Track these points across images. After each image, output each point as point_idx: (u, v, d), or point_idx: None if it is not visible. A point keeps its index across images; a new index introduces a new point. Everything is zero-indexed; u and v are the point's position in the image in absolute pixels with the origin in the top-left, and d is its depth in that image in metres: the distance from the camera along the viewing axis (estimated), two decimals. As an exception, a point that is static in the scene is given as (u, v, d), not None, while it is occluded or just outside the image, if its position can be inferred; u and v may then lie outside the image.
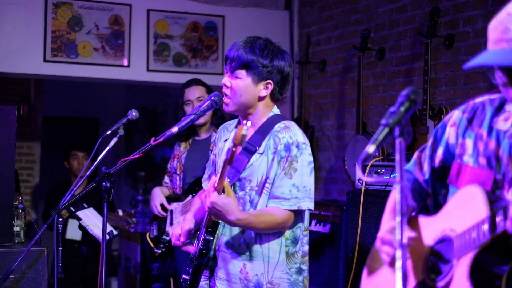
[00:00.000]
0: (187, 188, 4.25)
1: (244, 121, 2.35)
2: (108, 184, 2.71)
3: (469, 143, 1.99)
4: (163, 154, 8.88)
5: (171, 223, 4.26)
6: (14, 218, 3.72)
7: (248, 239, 2.67)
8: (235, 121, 2.90)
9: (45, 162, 8.29)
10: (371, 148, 1.71)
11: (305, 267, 2.74)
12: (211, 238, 2.68)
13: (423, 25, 4.71)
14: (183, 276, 2.76)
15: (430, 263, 1.96)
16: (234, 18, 6.05)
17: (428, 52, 4.38)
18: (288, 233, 2.70)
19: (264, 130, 2.71)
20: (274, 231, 2.66)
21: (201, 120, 4.21)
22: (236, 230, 2.69)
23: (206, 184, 2.94)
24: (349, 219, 4.35)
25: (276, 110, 2.80)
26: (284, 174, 2.62)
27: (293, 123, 2.73)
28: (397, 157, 1.68)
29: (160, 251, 4.35)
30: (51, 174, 8.50)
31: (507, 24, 1.76)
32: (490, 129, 1.93)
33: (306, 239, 2.76)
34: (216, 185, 2.48)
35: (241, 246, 2.68)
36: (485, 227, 1.74)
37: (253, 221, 2.56)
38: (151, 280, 5.79)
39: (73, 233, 6.00)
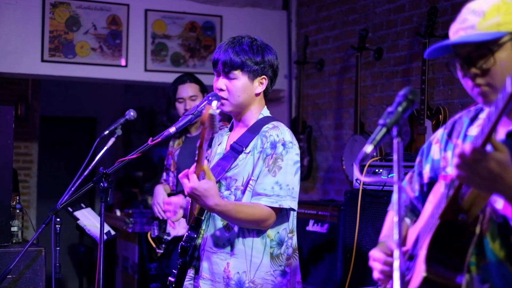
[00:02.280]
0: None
1: (214, 102, 2.33)
2: (105, 185, 2.71)
3: (449, 154, 2.06)
4: (160, 154, 8.88)
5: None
6: (11, 218, 3.71)
7: (232, 237, 2.65)
8: (228, 127, 2.90)
9: (43, 162, 8.28)
10: (369, 148, 1.71)
11: (289, 270, 2.71)
12: (195, 235, 2.68)
13: (421, 25, 4.71)
14: (169, 278, 2.75)
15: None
16: (232, 18, 6.05)
17: (426, 52, 4.38)
18: (273, 234, 2.67)
19: (254, 130, 2.70)
20: (253, 227, 2.64)
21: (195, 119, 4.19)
22: (220, 228, 2.68)
23: None
24: (347, 219, 4.34)
25: (266, 112, 2.78)
26: (268, 171, 2.60)
27: (282, 124, 2.72)
28: (395, 157, 1.69)
29: (162, 251, 4.34)
30: (49, 174, 8.50)
31: (465, 15, 1.89)
32: (465, 137, 2.01)
33: (291, 242, 2.73)
34: (194, 169, 2.45)
35: (225, 245, 2.66)
36: (438, 211, 1.82)
37: (232, 209, 2.53)
38: (149, 280, 5.79)
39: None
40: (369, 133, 5.04)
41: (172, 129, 2.70)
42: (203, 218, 2.67)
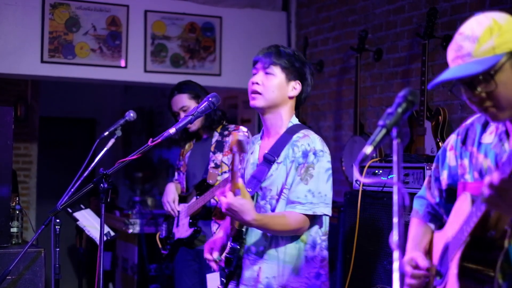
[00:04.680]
0: (191, 190, 4.22)
1: (241, 127, 2.39)
2: (105, 185, 2.71)
3: (466, 162, 2.11)
4: (160, 155, 8.88)
5: (177, 225, 4.24)
6: (11, 219, 3.71)
7: (266, 243, 2.73)
8: (259, 134, 2.96)
9: (42, 163, 8.27)
10: (368, 149, 1.72)
11: (323, 271, 2.78)
12: (237, 246, 2.75)
13: (421, 26, 4.72)
14: (219, 286, 2.85)
15: (436, 272, 2.07)
16: (232, 19, 6.05)
17: (425, 53, 4.38)
18: (306, 237, 2.75)
19: (284, 140, 2.76)
20: (289, 234, 2.71)
21: (193, 127, 4.16)
22: (258, 237, 2.75)
23: None
24: (347, 220, 4.34)
25: (295, 120, 2.84)
26: (300, 180, 2.68)
27: (312, 132, 2.79)
28: (395, 158, 1.69)
29: (166, 252, 4.33)
30: (48, 175, 8.50)
31: (459, 42, 1.92)
32: (479, 144, 2.06)
33: (324, 244, 2.82)
34: (230, 187, 2.54)
35: (259, 252, 2.74)
36: (465, 226, 1.88)
37: (269, 222, 2.62)
38: (149, 281, 5.79)
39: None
40: (369, 134, 5.04)
41: (172, 130, 2.72)
42: (243, 229, 2.75)
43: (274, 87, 2.73)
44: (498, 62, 1.84)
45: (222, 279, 2.83)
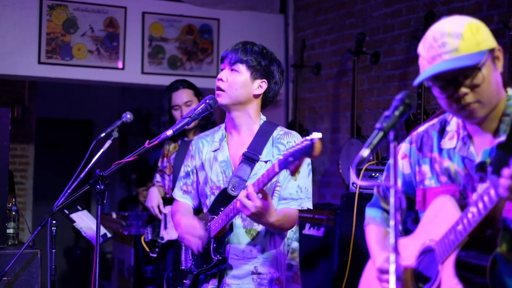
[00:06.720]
0: None
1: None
2: (102, 187, 2.71)
3: (425, 168, 2.13)
4: (157, 157, 8.87)
5: (165, 227, 4.23)
6: (7, 220, 3.70)
7: (262, 244, 2.76)
8: (214, 131, 2.94)
9: (39, 164, 8.27)
10: (365, 152, 1.72)
11: (294, 262, 2.87)
12: (221, 246, 2.77)
13: (418, 29, 4.72)
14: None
15: (417, 275, 2.04)
16: (229, 21, 6.06)
17: (422, 57, 4.38)
18: (290, 233, 2.85)
19: (263, 137, 2.77)
20: (288, 230, 2.80)
21: (192, 124, 4.15)
22: (244, 238, 2.77)
23: (179, 195, 3.01)
24: (343, 223, 4.35)
25: (264, 117, 2.87)
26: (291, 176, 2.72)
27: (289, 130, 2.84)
28: (392, 161, 1.69)
29: (155, 255, 4.32)
30: (45, 176, 8.49)
31: (441, 40, 1.94)
32: (440, 150, 2.09)
33: (295, 236, 2.90)
34: (256, 189, 2.52)
35: (253, 252, 2.76)
36: (460, 227, 1.84)
37: (285, 222, 2.69)
38: (145, 283, 5.78)
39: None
40: (366, 137, 5.04)
41: (169, 132, 2.71)
42: (233, 231, 2.77)
43: (238, 85, 2.73)
44: (484, 57, 1.88)
45: (185, 281, 2.85)
